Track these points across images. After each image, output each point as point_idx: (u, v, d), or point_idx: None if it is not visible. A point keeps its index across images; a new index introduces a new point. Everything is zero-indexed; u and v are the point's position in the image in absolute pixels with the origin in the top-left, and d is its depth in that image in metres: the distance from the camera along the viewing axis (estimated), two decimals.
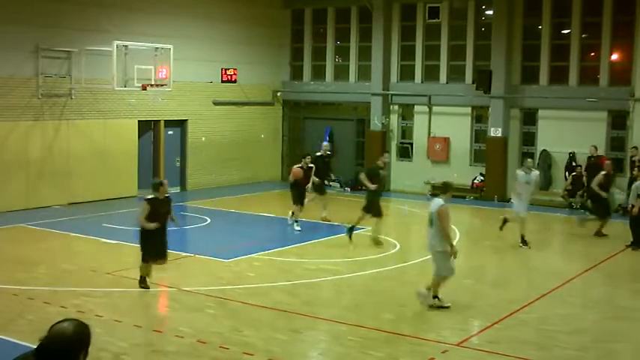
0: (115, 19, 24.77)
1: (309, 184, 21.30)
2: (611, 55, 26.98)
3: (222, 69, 29.08)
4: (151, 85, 23.41)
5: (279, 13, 32.49)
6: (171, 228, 14.29)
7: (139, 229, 13.99)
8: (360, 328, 11.95)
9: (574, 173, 26.40)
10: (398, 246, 18.62)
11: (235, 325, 12.05)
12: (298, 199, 21.00)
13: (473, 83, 28.66)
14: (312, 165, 21.52)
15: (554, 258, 19.15)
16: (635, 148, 24.95)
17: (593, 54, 27.42)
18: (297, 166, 21.30)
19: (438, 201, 13.26)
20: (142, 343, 11.30)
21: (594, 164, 25.37)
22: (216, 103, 29.08)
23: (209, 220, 21.71)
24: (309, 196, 21.71)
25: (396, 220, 24.49)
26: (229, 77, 29.35)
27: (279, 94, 32.57)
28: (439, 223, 12.96)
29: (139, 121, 26.28)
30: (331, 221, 21.51)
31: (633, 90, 25.97)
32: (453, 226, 21.47)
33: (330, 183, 30.52)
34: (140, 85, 23.09)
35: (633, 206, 18.96)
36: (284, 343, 11.30)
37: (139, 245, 14.04)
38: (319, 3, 32.09)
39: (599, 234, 20.53)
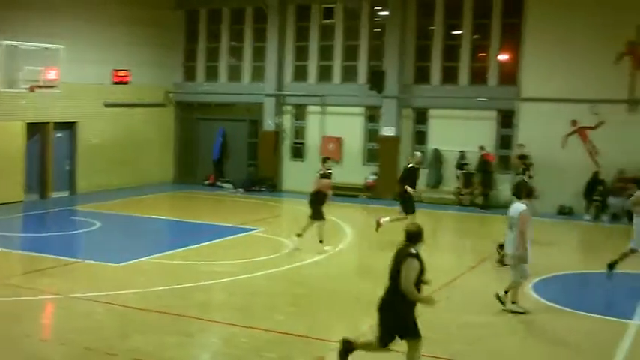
0: (5, 17, 23.95)
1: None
2: (500, 55, 27.65)
3: (113, 70, 28.53)
4: (39, 87, 22.68)
5: (172, 14, 32.10)
6: (58, 233, 13.91)
7: None
8: (252, 329, 11.85)
9: (464, 171, 27.00)
10: (291, 246, 18.59)
11: (124, 330, 11.79)
12: (321, 213, 18.38)
13: (366, 83, 28.91)
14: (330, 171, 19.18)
15: (444, 254, 19.47)
16: (521, 145, 25.59)
17: (482, 55, 28.02)
18: (321, 173, 18.78)
19: (520, 205, 13.14)
20: (28, 353, 10.91)
21: (482, 162, 26.10)
22: (107, 105, 28.46)
23: (99, 225, 21.19)
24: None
25: (291, 220, 24.49)
26: (121, 78, 28.83)
27: (171, 95, 32.17)
28: (520, 227, 12.88)
29: (27, 123, 25.46)
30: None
31: (520, 90, 26.67)
32: (346, 225, 21.95)
33: (223, 184, 30.48)
34: (28, 86, 22.34)
35: None
36: (175, 347, 11.09)
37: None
38: (214, 4, 31.85)
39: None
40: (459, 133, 27.61)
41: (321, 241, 18.07)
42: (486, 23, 27.61)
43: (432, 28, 28.52)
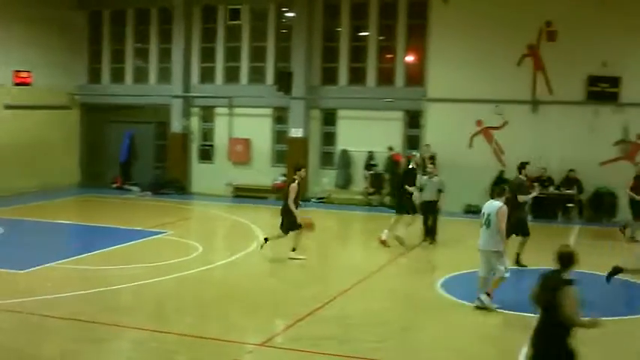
0: None
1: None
2: (406, 57, 28.01)
3: (14, 71, 27.78)
4: None
5: (75, 14, 31.46)
6: None
7: None
8: (163, 333, 11.70)
9: (372, 172, 27.26)
10: (200, 249, 18.43)
11: (31, 338, 11.48)
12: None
13: (274, 84, 28.90)
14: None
15: (355, 254, 19.64)
16: (428, 145, 25.99)
17: (389, 56, 28.32)
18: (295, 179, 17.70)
19: (496, 203, 13.37)
20: None
21: (391, 162, 26.42)
22: (7, 107, 27.68)
23: (2, 230, 20.61)
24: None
25: (200, 223, 24.32)
26: (23, 80, 28.09)
27: (76, 97, 31.53)
28: (499, 223, 13.10)
29: None
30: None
31: (426, 91, 27.07)
32: (255, 227, 21.89)
33: (130, 187, 30.05)
34: None
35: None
36: (83, 354, 10.86)
37: None
38: (117, 4, 31.36)
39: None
40: (367, 133, 27.87)
41: (293, 250, 17.58)
42: (392, 24, 27.95)
43: (339, 29, 28.73)
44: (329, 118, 28.98)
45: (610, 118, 25.39)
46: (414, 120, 27.85)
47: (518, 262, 17.00)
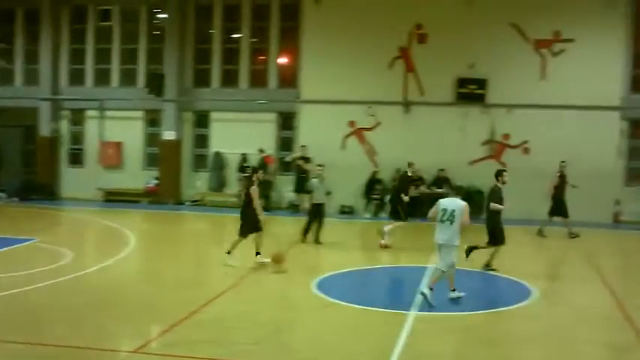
0: None
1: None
2: (279, 59, 28.07)
3: None
4: None
5: None
6: None
7: None
8: (33, 345, 11.28)
9: (246, 174, 27.13)
10: (71, 255, 17.92)
11: None
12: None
13: (145, 87, 28.45)
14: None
15: (230, 256, 19.51)
16: (304, 146, 26.13)
17: (262, 58, 28.32)
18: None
19: (460, 200, 13.99)
20: None
21: (263, 164, 26.46)
22: None
23: None
24: None
25: (70, 228, 23.68)
26: None
27: None
28: (463, 219, 13.68)
29: None
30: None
31: (300, 92, 27.21)
32: (128, 232, 21.47)
33: None
34: None
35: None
36: None
37: None
38: None
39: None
40: (241, 135, 27.81)
41: (258, 253, 17.20)
42: (265, 26, 28.01)
43: (212, 31, 28.54)
44: (202, 120, 28.76)
45: (478, 119, 26.17)
46: (287, 122, 27.97)
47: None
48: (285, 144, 28.01)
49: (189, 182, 28.49)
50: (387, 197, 23.88)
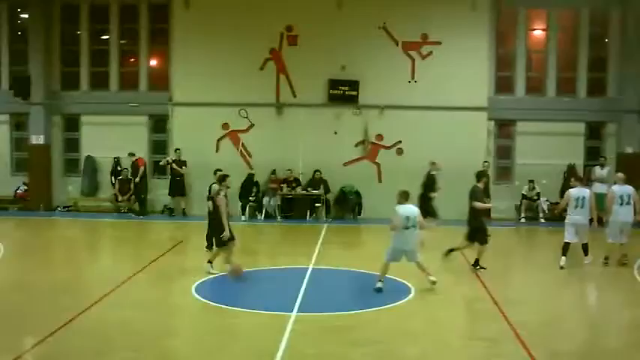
0: None
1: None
2: (150, 61, 27.64)
3: None
4: None
5: None
6: None
7: None
8: None
9: (120, 177, 26.67)
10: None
11: None
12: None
13: (10, 89, 27.46)
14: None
15: (106, 262, 19.09)
16: (178, 150, 25.92)
17: (132, 60, 27.81)
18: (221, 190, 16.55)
19: (412, 206, 15.08)
20: None
21: (135, 168, 26.12)
22: None
23: None
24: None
25: None
26: None
27: None
28: (419, 224, 14.91)
29: None
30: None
31: (172, 95, 26.85)
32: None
33: None
34: None
35: None
36: None
37: None
38: None
39: None
40: (113, 139, 27.24)
41: (209, 262, 16.60)
42: (134, 28, 27.52)
43: (79, 32, 27.81)
44: (72, 123, 28.00)
45: (351, 120, 26.47)
46: (159, 124, 27.54)
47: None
48: (159, 147, 27.57)
49: (60, 187, 27.68)
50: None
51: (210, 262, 16.60)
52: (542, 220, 25.91)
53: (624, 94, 26.84)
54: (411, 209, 14.95)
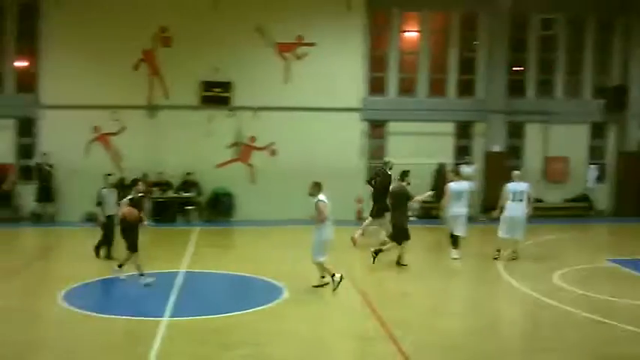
0: None
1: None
2: (16, 61, 26.70)
3: None
4: None
5: None
6: None
7: None
8: None
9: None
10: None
11: None
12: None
13: None
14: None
15: None
16: (45, 154, 25.22)
17: None
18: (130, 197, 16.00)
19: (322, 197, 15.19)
20: None
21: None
22: None
23: None
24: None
25: None
26: None
27: None
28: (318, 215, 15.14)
29: None
30: None
31: (39, 97, 26.06)
32: None
33: None
34: None
35: None
36: None
37: None
38: None
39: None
40: None
41: (120, 266, 16.08)
42: (0, 27, 26.50)
43: None
44: None
45: (224, 122, 26.33)
46: (26, 128, 26.62)
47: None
48: (26, 151, 26.67)
49: None
50: None
51: (120, 265, 16.16)
52: (413, 218, 26.36)
53: (491, 95, 27.67)
54: (329, 203, 15.15)
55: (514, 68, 28.38)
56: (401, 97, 27.79)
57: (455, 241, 18.88)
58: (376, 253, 18.05)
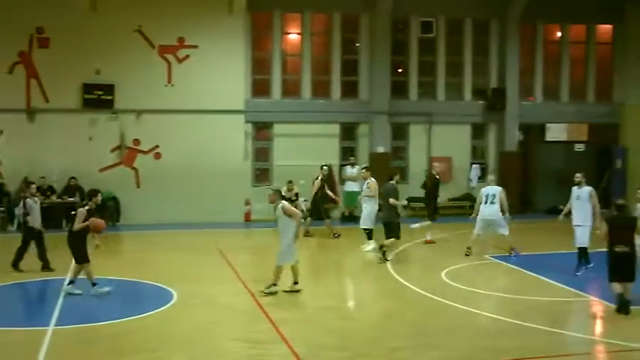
0: None
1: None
2: None
3: None
4: None
5: None
6: None
7: None
8: None
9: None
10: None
11: None
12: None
13: None
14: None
15: None
16: None
17: None
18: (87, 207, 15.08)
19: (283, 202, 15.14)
20: None
21: None
22: None
23: None
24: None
25: None
26: None
27: None
28: (292, 217, 14.92)
29: None
30: None
31: None
32: None
33: None
34: None
35: None
36: None
37: None
38: None
39: None
40: None
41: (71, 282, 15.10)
42: None
43: None
44: None
45: (107, 125, 25.83)
46: None
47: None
48: None
49: None
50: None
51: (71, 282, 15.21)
52: (302, 220, 26.44)
53: (374, 97, 28.06)
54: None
55: (397, 70, 28.89)
56: (285, 98, 27.90)
57: (369, 234, 20.19)
58: (383, 253, 18.48)
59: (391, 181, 19.09)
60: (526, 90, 30.02)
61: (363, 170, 21.36)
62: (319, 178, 23.54)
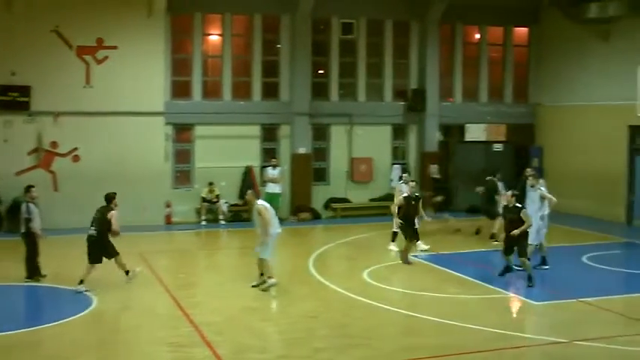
0: None
1: None
2: None
3: None
4: None
5: None
6: None
7: None
8: None
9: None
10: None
11: None
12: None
13: None
14: None
15: None
16: None
17: None
18: None
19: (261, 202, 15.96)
20: None
21: None
22: None
23: None
24: None
25: None
26: None
27: None
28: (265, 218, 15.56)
29: None
30: None
31: None
32: None
33: None
34: None
35: None
36: None
37: None
38: None
39: None
40: None
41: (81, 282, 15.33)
42: None
43: None
44: None
45: (23, 128, 25.26)
46: None
47: None
48: None
49: None
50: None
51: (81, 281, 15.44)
52: (223, 222, 26.36)
53: (295, 98, 28.08)
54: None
55: (318, 71, 28.96)
56: (206, 100, 27.68)
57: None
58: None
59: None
60: (446, 91, 30.40)
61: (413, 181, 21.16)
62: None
